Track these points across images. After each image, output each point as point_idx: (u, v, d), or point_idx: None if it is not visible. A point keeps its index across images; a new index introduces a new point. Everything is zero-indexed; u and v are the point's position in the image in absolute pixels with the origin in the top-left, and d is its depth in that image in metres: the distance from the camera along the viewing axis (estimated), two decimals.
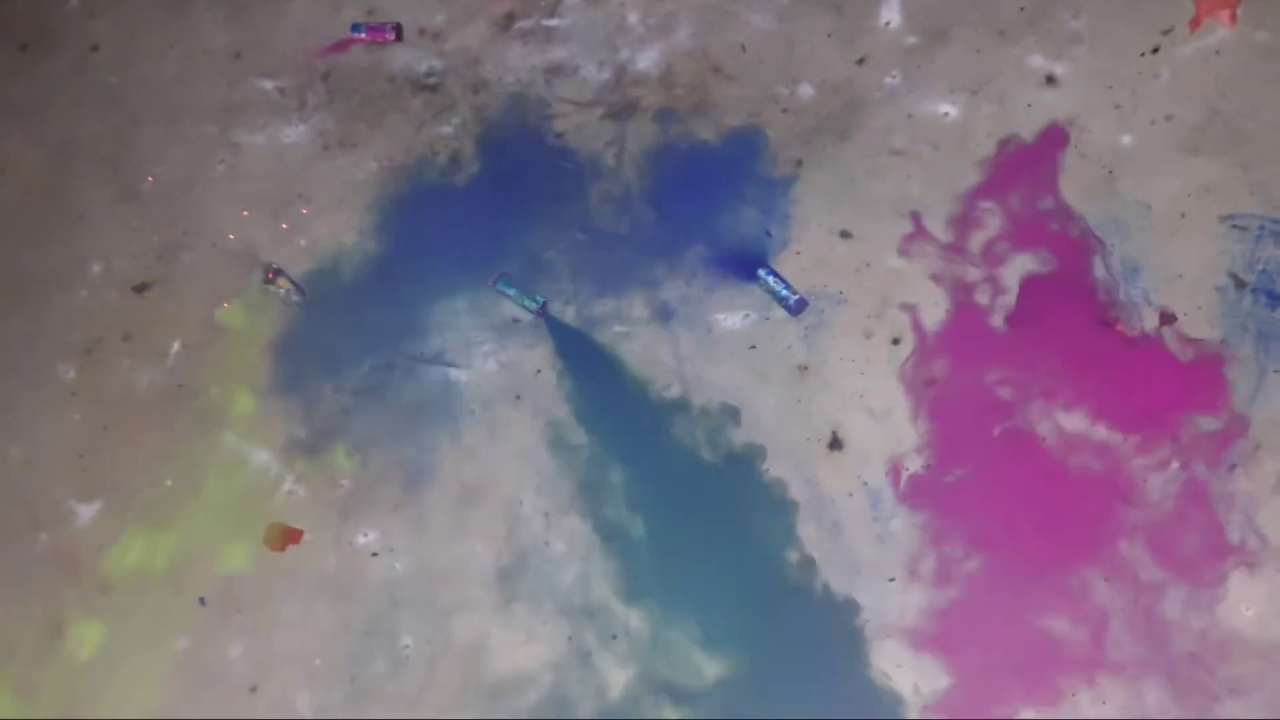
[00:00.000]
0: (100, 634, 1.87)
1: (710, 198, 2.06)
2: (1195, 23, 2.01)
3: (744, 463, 1.82)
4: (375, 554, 1.86)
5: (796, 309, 1.91)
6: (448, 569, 1.83)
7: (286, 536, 1.88)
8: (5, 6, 2.51)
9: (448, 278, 2.06)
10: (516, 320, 2.01)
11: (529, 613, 1.77)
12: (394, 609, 1.82)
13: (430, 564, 1.83)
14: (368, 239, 2.11)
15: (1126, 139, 1.96)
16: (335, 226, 2.12)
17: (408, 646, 1.79)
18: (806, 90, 2.10)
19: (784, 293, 1.92)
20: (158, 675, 1.83)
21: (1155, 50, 2.01)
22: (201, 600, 1.86)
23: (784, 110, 2.09)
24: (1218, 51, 1.98)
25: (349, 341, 2.03)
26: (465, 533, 1.85)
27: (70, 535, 1.94)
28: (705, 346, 1.93)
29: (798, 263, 1.97)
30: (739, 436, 1.84)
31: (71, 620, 1.90)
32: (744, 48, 2.15)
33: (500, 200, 2.11)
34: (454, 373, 1.98)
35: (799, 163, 2.05)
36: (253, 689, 1.82)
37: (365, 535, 1.87)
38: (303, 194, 2.18)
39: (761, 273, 1.94)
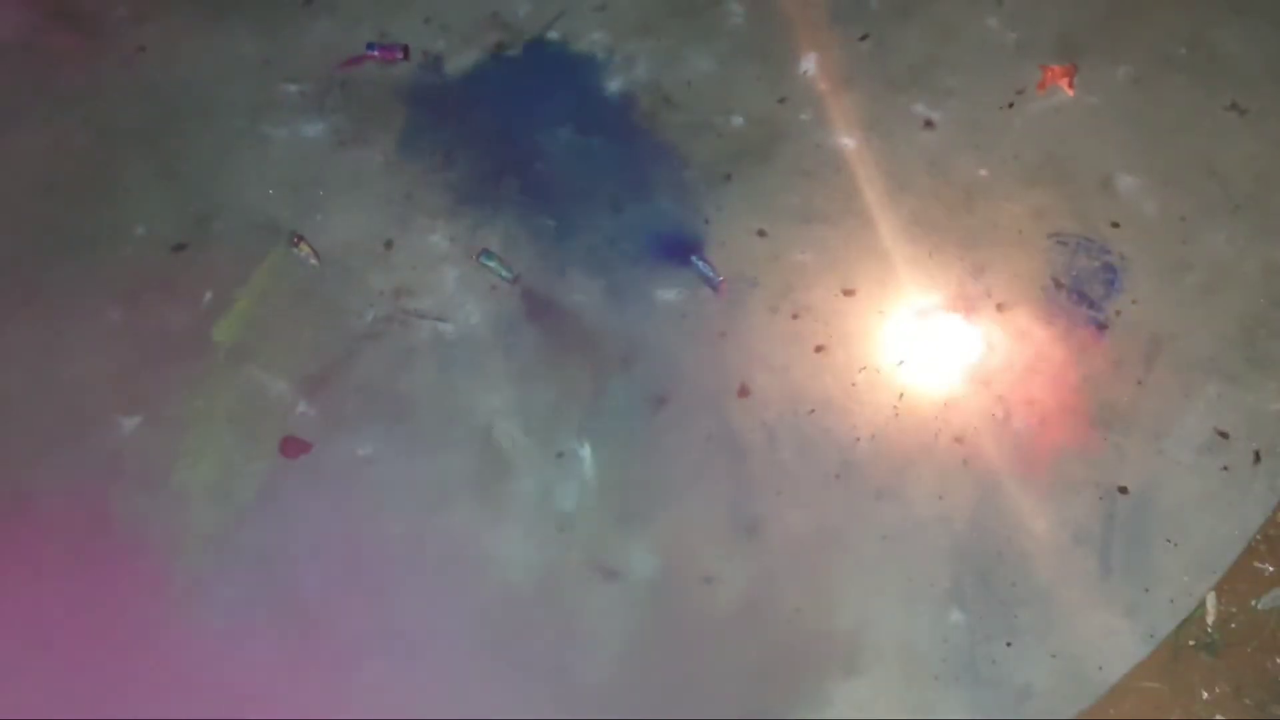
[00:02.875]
0: None
1: (656, 198, 2.56)
2: (1042, 86, 2.57)
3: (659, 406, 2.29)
4: (371, 462, 2.29)
5: (719, 289, 2.41)
6: (432, 476, 2.26)
7: (298, 446, 2.31)
8: (62, 9, 2.95)
9: (439, 251, 2.52)
10: (494, 288, 2.47)
11: (504, 509, 2.22)
12: (384, 504, 2.24)
13: (417, 472, 2.27)
14: (373, 217, 2.56)
15: (983, 171, 2.49)
16: (348, 204, 2.57)
17: (396, 534, 2.22)
18: (738, 120, 2.61)
19: (711, 274, 2.41)
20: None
21: (1010, 105, 2.56)
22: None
23: (719, 135, 2.60)
24: (1057, 110, 2.54)
25: (355, 297, 2.48)
26: (446, 448, 2.28)
27: (116, 440, 2.34)
28: (646, 314, 2.41)
29: (723, 253, 2.46)
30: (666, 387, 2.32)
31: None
32: (689, 84, 2.66)
33: (485, 192, 2.58)
34: (441, 325, 2.43)
35: (728, 176, 2.56)
36: None
37: (364, 448, 2.30)
38: (319, 179, 2.63)
39: (694, 259, 2.43)
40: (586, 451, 2.25)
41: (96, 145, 2.75)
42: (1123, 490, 2.12)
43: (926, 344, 2.29)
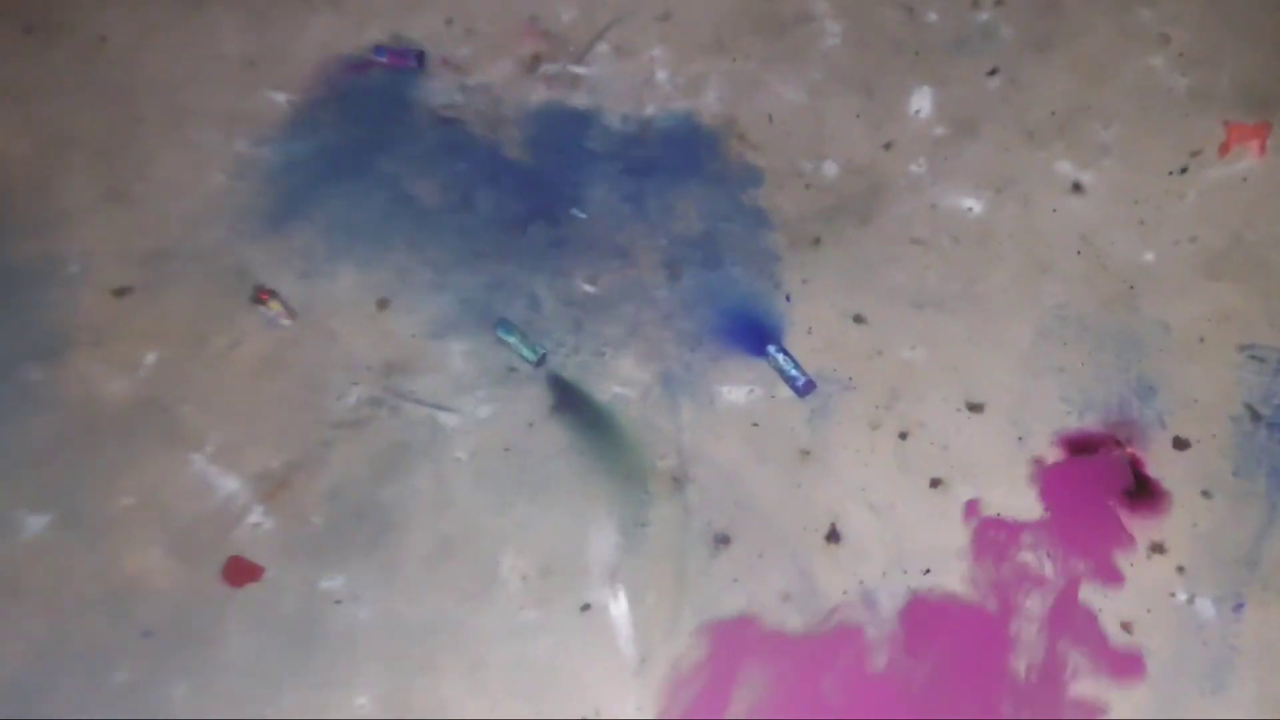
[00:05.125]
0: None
1: (724, 265, 2.01)
2: (1225, 148, 2.01)
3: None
4: (339, 601, 1.75)
5: (804, 390, 1.86)
6: (415, 625, 1.72)
7: (246, 572, 1.78)
8: None
9: (446, 314, 1.99)
10: (513, 369, 1.93)
11: (499, 684, 1.67)
12: (354, 663, 1.71)
13: (397, 618, 1.73)
14: (366, 268, 2.03)
15: (1149, 255, 1.94)
16: (335, 250, 2.04)
17: (363, 706, 1.68)
18: (831, 168, 2.07)
19: (793, 372, 1.86)
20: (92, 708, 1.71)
21: (1183, 170, 2.00)
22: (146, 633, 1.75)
23: (806, 186, 2.05)
24: (1245, 179, 1.98)
25: (336, 372, 1.94)
26: (437, 587, 1.75)
27: (14, 546, 1.81)
28: (706, 418, 1.86)
29: (808, 343, 1.92)
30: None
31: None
32: (771, 118, 2.11)
33: (508, 244, 2.04)
34: (443, 416, 1.89)
35: (817, 240, 2.01)
36: None
37: (330, 579, 1.77)
38: (302, 214, 2.10)
39: (771, 349, 1.89)
40: (621, 603, 1.71)
41: (35, 156, 2.22)
42: None
43: (1077, 485, 1.73)
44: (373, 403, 1.91)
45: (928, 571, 1.70)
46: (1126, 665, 1.62)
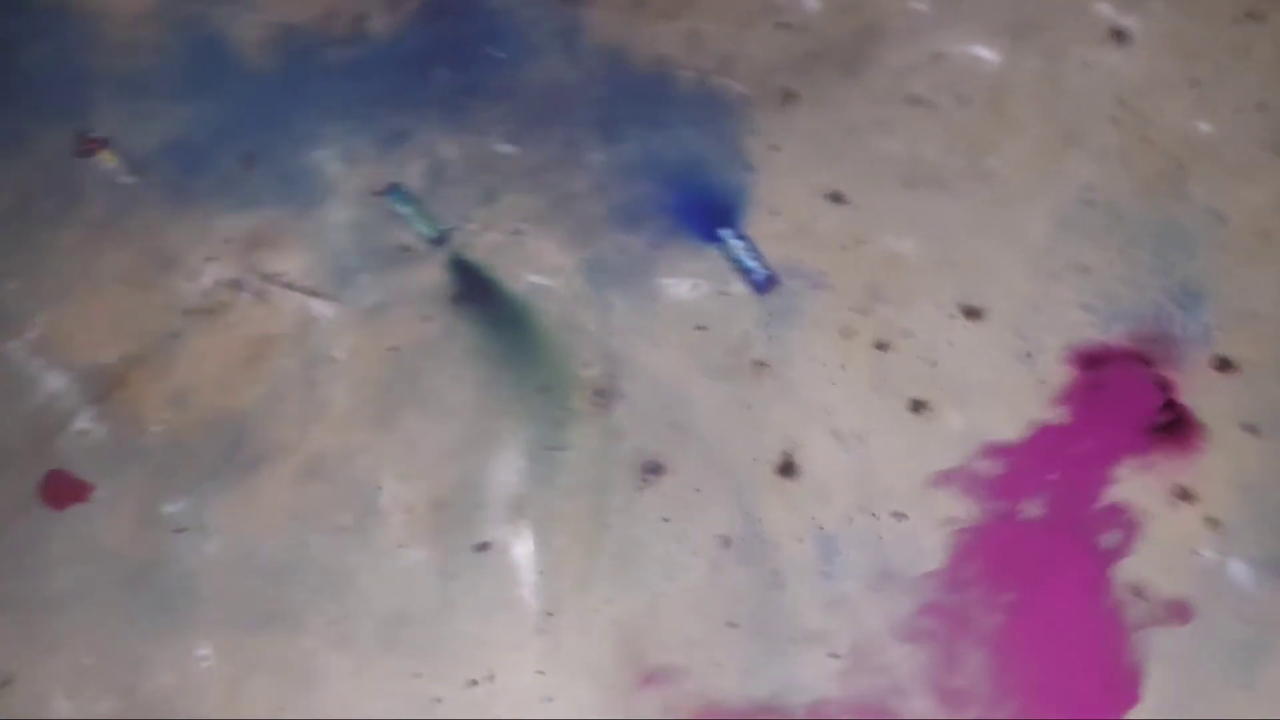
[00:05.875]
0: None
1: (674, 124, 1.63)
2: None
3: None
4: (181, 530, 1.43)
5: (764, 287, 1.50)
6: (272, 563, 1.41)
7: (70, 490, 1.45)
8: None
9: (326, 177, 1.61)
10: (407, 249, 1.56)
11: (372, 638, 1.37)
12: (196, 605, 1.40)
13: (251, 554, 1.42)
14: (227, 113, 1.63)
15: (1205, 126, 1.56)
16: (185, 89, 1.63)
17: (205, 657, 1.38)
18: (811, 3, 1.66)
19: (751, 264, 1.50)
20: None
21: (1252, 17, 1.61)
22: None
23: (780, 24, 1.65)
24: None
25: (188, 244, 1.57)
26: (301, 517, 1.43)
27: None
28: (642, 318, 1.51)
29: (772, 226, 1.55)
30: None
31: None
32: None
33: (406, 89, 1.64)
34: (317, 304, 1.54)
35: (790, 96, 1.62)
36: (5, 683, 1.41)
37: (172, 503, 1.44)
38: (149, 44, 1.68)
39: (726, 234, 1.52)
40: (526, 544, 1.40)
41: None
42: None
43: (1097, 413, 1.41)
44: (232, 285, 1.55)
45: (902, 515, 1.39)
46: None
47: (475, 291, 1.54)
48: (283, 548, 1.42)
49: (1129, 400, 1.44)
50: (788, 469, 1.42)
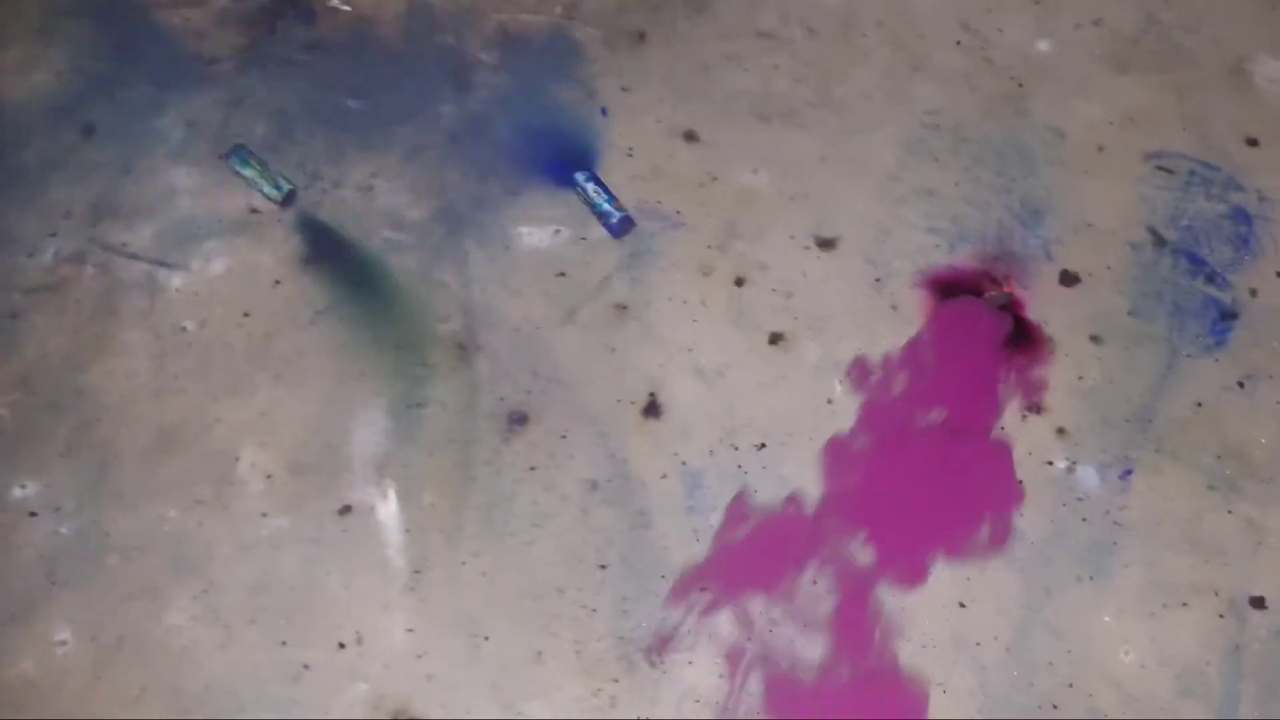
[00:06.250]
0: None
1: (525, 70, 1.60)
2: None
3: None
4: (34, 513, 1.38)
5: (621, 229, 1.49)
6: (130, 541, 1.37)
7: None
8: None
9: (168, 142, 1.55)
10: (255, 211, 1.52)
11: (236, 610, 1.34)
12: (54, 589, 1.36)
13: (108, 533, 1.37)
14: (61, 81, 1.56)
15: (1043, 45, 1.58)
16: (26, 58, 1.56)
17: (64, 643, 1.34)
18: None
19: (607, 207, 1.49)
20: None
21: None
22: None
23: None
24: None
25: (26, 220, 1.51)
26: (157, 493, 1.39)
27: None
28: (500, 268, 1.49)
29: (628, 168, 1.53)
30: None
31: None
32: None
33: (248, 45, 1.59)
34: (164, 273, 1.48)
35: (640, 36, 1.60)
36: None
37: (22, 486, 1.39)
38: None
39: (581, 178, 1.50)
40: (390, 504, 1.37)
41: None
42: (1257, 603, 1.32)
43: (947, 336, 1.43)
44: (75, 259, 1.49)
45: (763, 446, 1.39)
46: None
47: (327, 251, 1.50)
48: (140, 525, 1.37)
49: (979, 323, 1.46)
50: (652, 409, 1.42)
